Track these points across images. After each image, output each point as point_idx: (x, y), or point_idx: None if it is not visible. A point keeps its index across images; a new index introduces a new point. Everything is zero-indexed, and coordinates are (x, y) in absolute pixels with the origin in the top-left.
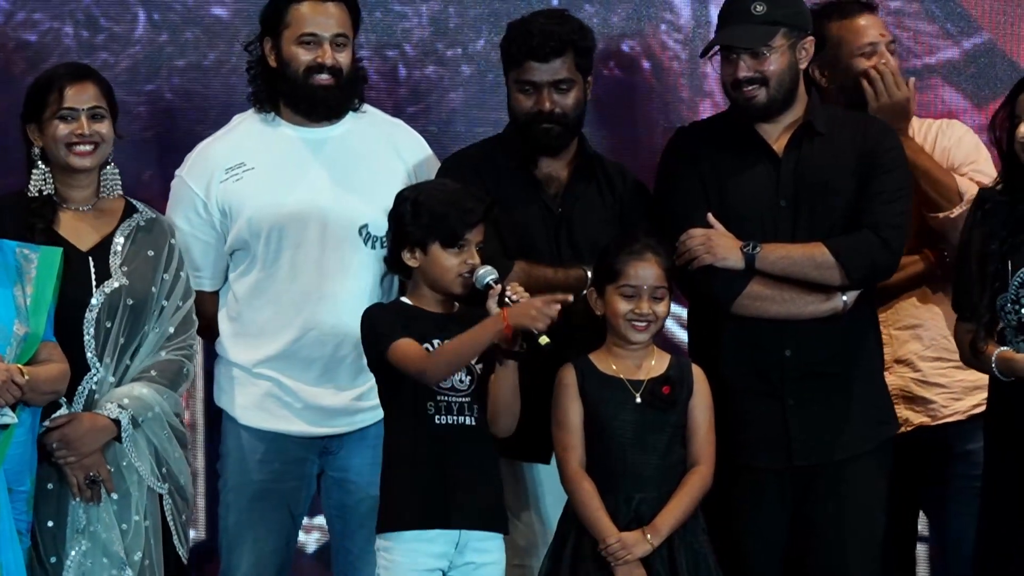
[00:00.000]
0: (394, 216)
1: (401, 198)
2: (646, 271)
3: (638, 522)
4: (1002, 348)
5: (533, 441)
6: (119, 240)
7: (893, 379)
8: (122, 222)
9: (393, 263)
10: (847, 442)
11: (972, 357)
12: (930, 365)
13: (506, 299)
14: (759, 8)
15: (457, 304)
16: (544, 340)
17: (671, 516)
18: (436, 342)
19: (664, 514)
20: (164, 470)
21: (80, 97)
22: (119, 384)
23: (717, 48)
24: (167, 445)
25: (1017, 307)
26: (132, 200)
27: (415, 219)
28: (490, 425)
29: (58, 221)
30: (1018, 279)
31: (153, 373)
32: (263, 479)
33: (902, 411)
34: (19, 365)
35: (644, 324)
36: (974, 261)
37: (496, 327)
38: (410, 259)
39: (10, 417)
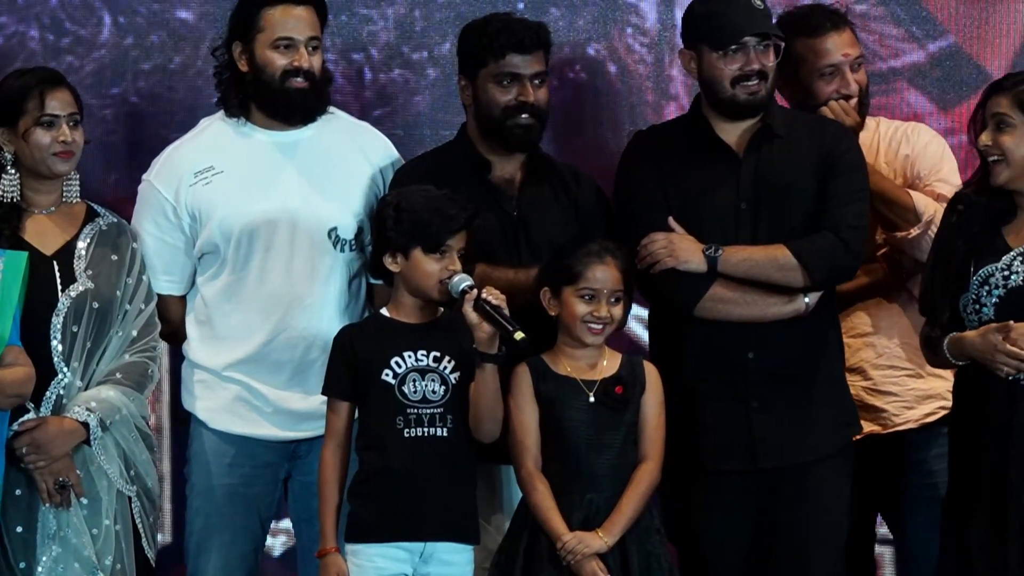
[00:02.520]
0: (376, 221)
1: (384, 203)
2: (606, 274)
3: (593, 521)
4: (952, 333)
5: (505, 443)
6: (82, 245)
7: None
8: (84, 226)
9: (375, 268)
10: (811, 444)
11: (929, 353)
12: (882, 374)
13: (483, 303)
14: (758, 2)
15: (441, 310)
16: (519, 335)
17: (622, 516)
18: (408, 354)
19: (616, 514)
20: (132, 472)
21: (60, 104)
22: (86, 388)
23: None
24: (135, 447)
25: (978, 306)
26: (93, 205)
27: (397, 224)
28: (473, 432)
29: (22, 226)
30: (978, 278)
31: (119, 376)
32: (232, 483)
33: None
34: None
35: (600, 327)
36: (940, 261)
37: None
38: (392, 264)
39: None
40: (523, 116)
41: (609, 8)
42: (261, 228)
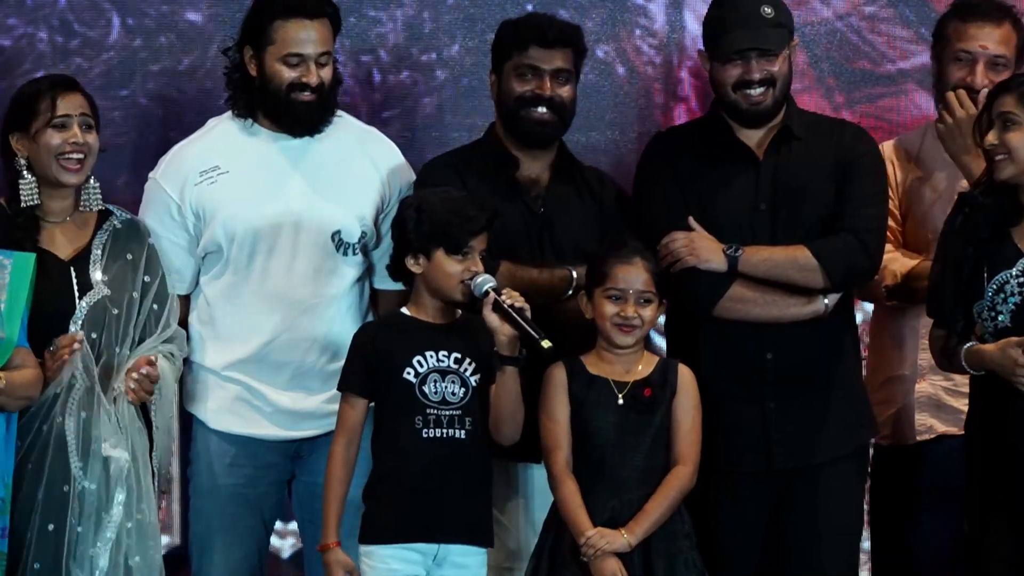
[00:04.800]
0: (398, 222)
1: (405, 205)
2: (632, 275)
3: (618, 523)
4: (970, 343)
5: (526, 441)
6: (97, 248)
7: (924, 387)
8: (98, 228)
9: (395, 270)
10: (826, 446)
11: (944, 360)
12: (966, 376)
13: (503, 304)
14: (767, 11)
15: (460, 312)
16: (546, 344)
17: (648, 517)
18: (430, 354)
19: (641, 515)
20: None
21: (72, 105)
22: (103, 391)
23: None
24: (165, 437)
25: (993, 314)
26: (106, 204)
27: (418, 226)
28: (493, 434)
29: (39, 234)
30: (994, 286)
31: (167, 354)
32: (234, 483)
33: (927, 419)
34: None
35: (630, 328)
36: (951, 266)
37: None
38: (413, 265)
39: None
40: (538, 109)
41: (618, 10)
42: (265, 229)
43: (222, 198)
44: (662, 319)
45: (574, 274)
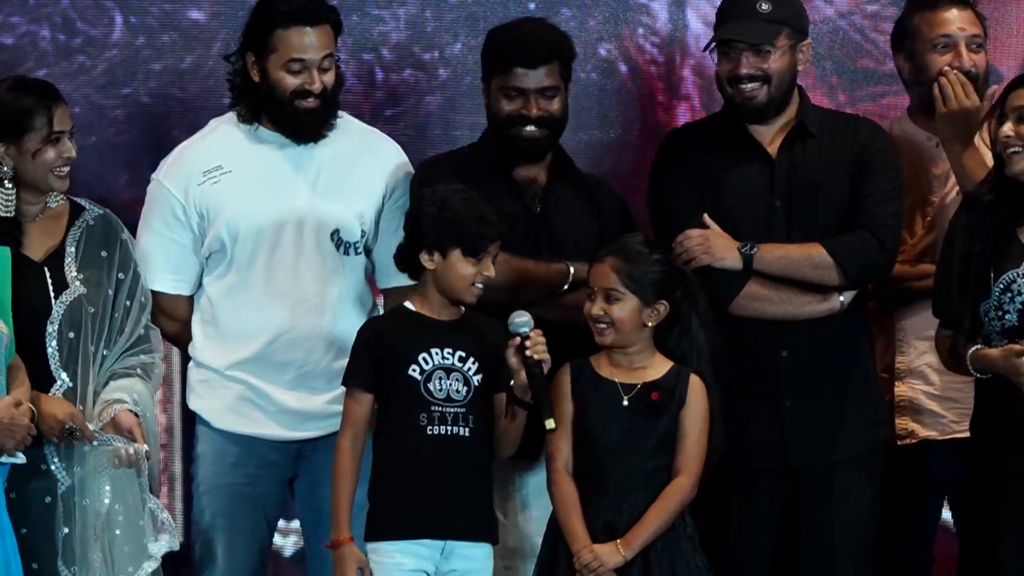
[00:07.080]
0: (414, 217)
1: (424, 201)
2: (599, 272)
3: (616, 525)
4: (976, 346)
5: (529, 440)
6: (71, 247)
7: (903, 390)
8: (71, 226)
9: (406, 263)
10: (841, 444)
11: (952, 361)
12: (946, 379)
13: (526, 352)
14: (764, 6)
15: (463, 309)
16: (550, 424)
17: (644, 529)
18: (435, 351)
19: (638, 527)
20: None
21: (64, 119)
22: (84, 391)
23: (714, 44)
24: (153, 447)
25: (1000, 313)
26: (75, 199)
27: (437, 222)
28: (496, 454)
29: (23, 236)
30: (1000, 284)
31: (139, 372)
32: (237, 482)
33: (908, 423)
34: (27, 404)
35: (601, 325)
36: (957, 266)
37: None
38: (428, 261)
39: (21, 458)
40: (526, 128)
41: (620, 8)
42: (267, 229)
43: (225, 197)
44: None
45: (571, 269)
